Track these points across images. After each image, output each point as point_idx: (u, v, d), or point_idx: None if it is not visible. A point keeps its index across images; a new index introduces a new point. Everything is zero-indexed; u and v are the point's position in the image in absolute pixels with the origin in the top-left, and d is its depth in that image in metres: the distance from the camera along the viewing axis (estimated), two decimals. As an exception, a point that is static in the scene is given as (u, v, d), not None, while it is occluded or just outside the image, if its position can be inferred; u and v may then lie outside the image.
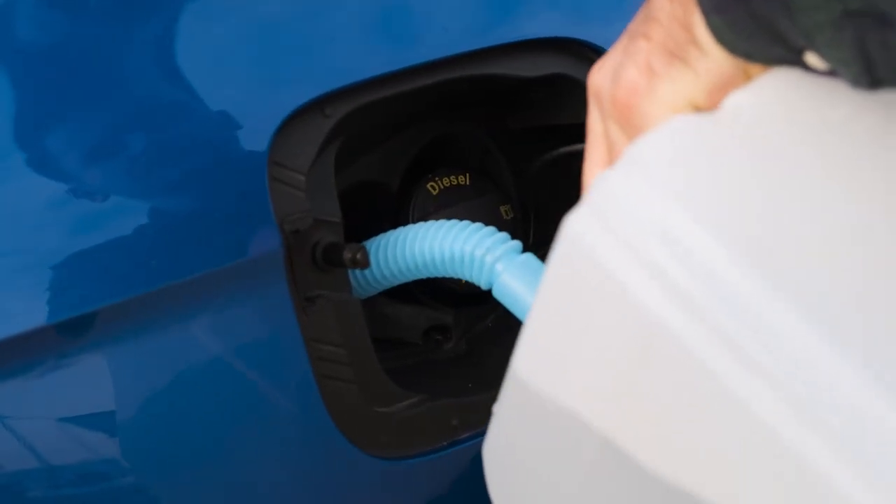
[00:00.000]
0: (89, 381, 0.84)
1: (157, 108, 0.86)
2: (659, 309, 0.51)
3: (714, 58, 0.55)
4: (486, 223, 0.95)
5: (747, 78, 0.56)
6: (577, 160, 0.67)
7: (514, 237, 0.94)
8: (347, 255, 0.91)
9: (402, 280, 0.99)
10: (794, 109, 0.54)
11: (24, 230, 0.82)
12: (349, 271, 0.96)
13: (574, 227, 0.55)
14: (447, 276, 0.96)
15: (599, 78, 0.61)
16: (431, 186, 1.08)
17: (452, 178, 1.09)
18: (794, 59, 0.53)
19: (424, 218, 1.07)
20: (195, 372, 0.88)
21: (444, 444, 1.00)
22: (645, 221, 0.52)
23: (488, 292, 0.93)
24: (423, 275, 0.98)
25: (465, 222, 0.95)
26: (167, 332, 0.86)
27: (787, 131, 0.54)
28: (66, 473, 0.86)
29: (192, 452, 0.90)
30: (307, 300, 0.91)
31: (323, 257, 0.92)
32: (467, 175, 1.09)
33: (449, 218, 1.00)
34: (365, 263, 0.91)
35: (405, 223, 1.07)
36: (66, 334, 0.83)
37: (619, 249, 0.53)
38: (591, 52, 1.01)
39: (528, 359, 0.60)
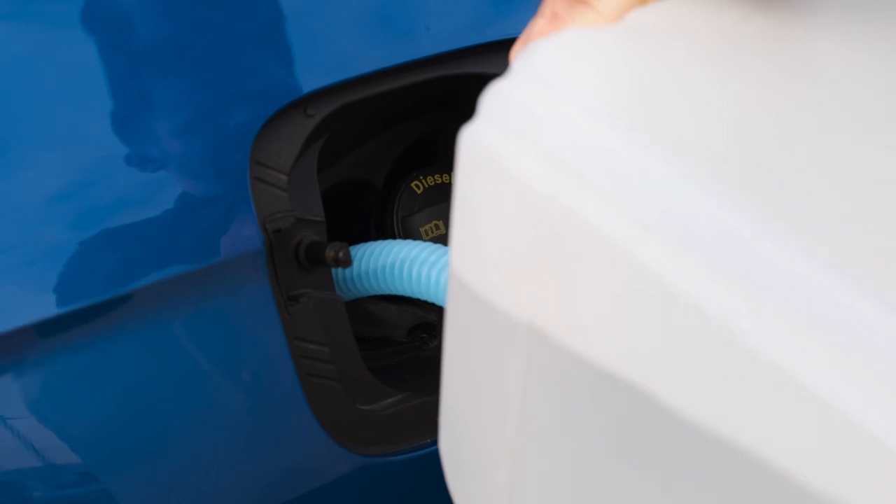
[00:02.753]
0: (71, 380, 0.85)
1: (139, 108, 0.87)
2: (549, 186, 0.53)
3: None
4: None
5: None
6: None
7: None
8: (330, 253, 0.91)
9: (383, 293, 1.00)
10: (686, 16, 0.57)
11: (8, 228, 0.82)
12: (333, 277, 0.96)
13: (467, 132, 0.57)
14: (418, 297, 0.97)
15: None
16: (416, 185, 1.08)
17: (437, 176, 1.09)
18: None
19: (409, 217, 1.07)
20: (178, 370, 0.88)
21: (428, 441, 1.00)
22: (526, 109, 0.54)
23: None
24: (397, 293, 0.98)
25: (424, 244, 0.96)
26: (150, 330, 0.86)
27: (679, 32, 0.56)
28: (50, 473, 0.86)
29: (175, 450, 0.90)
30: (290, 299, 0.92)
31: (306, 256, 0.92)
32: (452, 174, 1.09)
33: (432, 217, 1.00)
34: (347, 262, 0.91)
35: (389, 222, 1.07)
36: (48, 333, 0.83)
37: (506, 140, 0.55)
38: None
39: (459, 261, 0.62)
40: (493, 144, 0.55)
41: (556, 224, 0.53)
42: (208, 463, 0.91)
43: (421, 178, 1.08)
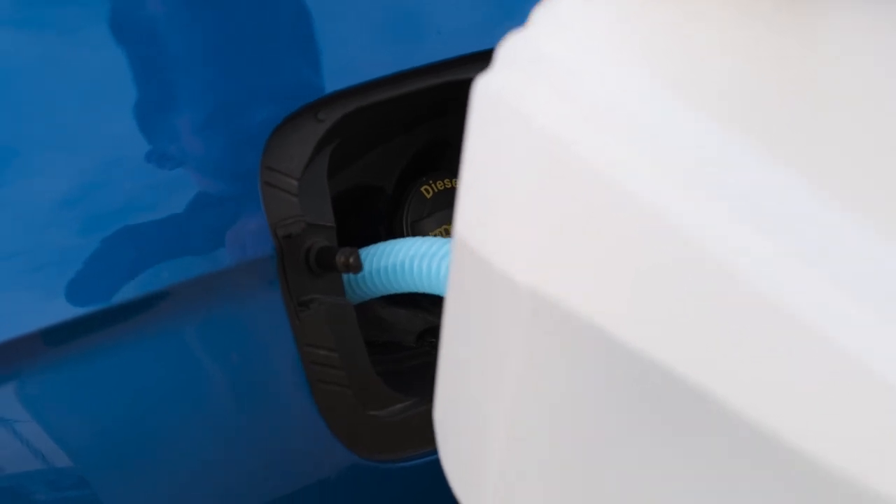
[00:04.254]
0: (82, 386, 0.84)
1: (149, 112, 0.86)
2: (568, 132, 0.51)
3: None
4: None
5: None
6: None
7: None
8: (341, 259, 0.91)
9: (393, 291, 0.99)
10: None
11: (16, 233, 0.82)
12: (343, 278, 0.96)
13: (481, 81, 0.55)
14: (424, 291, 0.96)
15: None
16: (426, 190, 1.08)
17: (447, 181, 1.09)
18: None
19: (418, 221, 1.07)
20: (189, 377, 0.88)
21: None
22: (547, 55, 0.53)
23: None
24: (406, 290, 0.97)
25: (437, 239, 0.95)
26: (159, 336, 0.86)
27: None
28: (54, 477, 0.86)
29: (184, 456, 0.90)
30: (301, 305, 0.91)
31: (316, 261, 0.92)
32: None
33: (441, 221, 0.99)
34: (358, 267, 0.91)
35: (399, 227, 1.07)
36: (57, 339, 0.83)
37: (524, 86, 0.53)
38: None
39: (464, 222, 0.60)
40: (510, 91, 0.53)
41: (571, 173, 0.50)
42: (217, 469, 0.91)
43: (431, 182, 1.08)
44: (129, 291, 0.84)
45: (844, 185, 0.46)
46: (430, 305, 1.10)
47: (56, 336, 0.83)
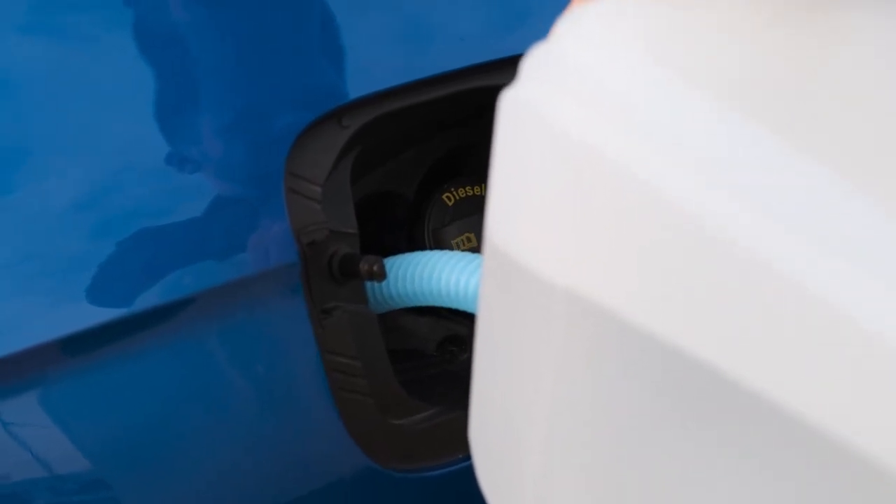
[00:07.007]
0: (104, 393, 0.84)
1: (173, 116, 0.86)
2: (597, 139, 0.51)
3: None
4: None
5: None
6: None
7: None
8: (364, 266, 0.90)
9: (418, 304, 0.99)
10: None
11: (38, 237, 0.82)
12: (366, 288, 0.95)
13: (509, 92, 0.56)
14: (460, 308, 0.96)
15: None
16: (447, 197, 1.07)
17: (468, 188, 1.08)
18: None
19: (440, 229, 1.06)
20: (211, 383, 0.88)
21: (460, 456, 0.99)
22: (573, 64, 0.53)
23: None
24: (439, 304, 0.97)
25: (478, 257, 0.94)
26: (182, 343, 0.86)
27: None
28: (75, 485, 0.86)
29: (204, 464, 0.89)
30: (323, 312, 0.91)
31: (339, 269, 0.92)
32: (483, 186, 1.09)
33: (463, 229, 0.99)
34: (381, 275, 0.90)
35: (420, 235, 1.06)
36: (80, 347, 0.82)
37: (552, 95, 0.53)
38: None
39: (496, 227, 0.60)
40: (537, 101, 0.53)
41: (602, 177, 0.50)
42: (237, 476, 0.91)
43: (452, 189, 1.07)
44: (151, 298, 0.84)
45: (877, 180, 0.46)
46: (450, 314, 1.09)
47: (75, 343, 0.82)
